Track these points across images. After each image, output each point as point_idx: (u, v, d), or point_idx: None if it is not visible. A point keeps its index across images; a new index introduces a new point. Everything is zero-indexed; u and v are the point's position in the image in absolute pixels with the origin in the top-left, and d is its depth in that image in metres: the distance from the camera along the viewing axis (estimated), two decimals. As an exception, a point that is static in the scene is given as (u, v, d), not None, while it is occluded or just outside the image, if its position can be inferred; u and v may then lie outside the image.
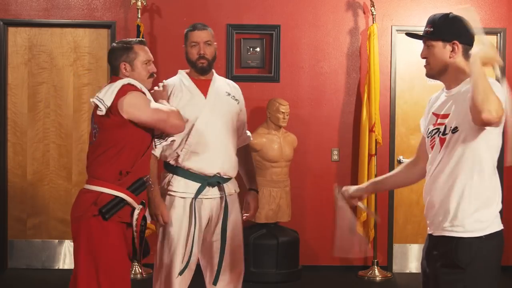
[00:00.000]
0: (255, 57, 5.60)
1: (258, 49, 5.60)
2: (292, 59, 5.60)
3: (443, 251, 2.48)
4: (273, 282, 5.14)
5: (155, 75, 3.16)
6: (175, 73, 5.51)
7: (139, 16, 5.29)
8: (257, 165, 5.20)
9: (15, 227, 5.53)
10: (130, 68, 3.05)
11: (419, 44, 2.62)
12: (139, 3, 5.28)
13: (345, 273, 5.48)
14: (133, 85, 2.98)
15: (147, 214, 3.07)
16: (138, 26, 5.23)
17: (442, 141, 2.55)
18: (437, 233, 2.54)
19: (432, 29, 2.54)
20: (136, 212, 2.93)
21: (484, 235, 2.43)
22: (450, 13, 2.57)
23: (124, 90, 2.92)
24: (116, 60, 3.06)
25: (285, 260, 5.16)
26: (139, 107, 2.93)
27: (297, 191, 5.51)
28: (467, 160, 2.45)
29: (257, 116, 5.50)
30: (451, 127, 2.50)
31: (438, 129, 2.57)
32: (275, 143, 5.21)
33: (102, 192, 2.88)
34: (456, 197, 2.47)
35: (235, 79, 5.54)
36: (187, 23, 5.52)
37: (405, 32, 2.84)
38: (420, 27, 2.69)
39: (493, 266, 2.46)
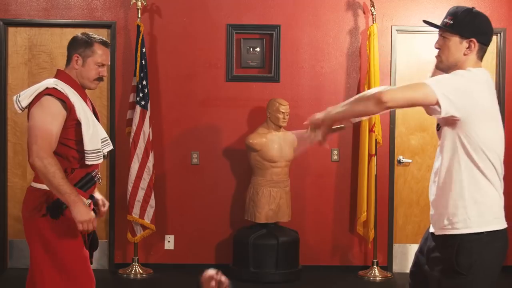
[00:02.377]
0: (255, 57, 5.60)
1: (258, 49, 5.60)
2: (292, 59, 5.60)
3: (444, 254, 2.44)
4: (273, 282, 5.14)
5: (103, 80, 3.09)
6: (175, 73, 5.55)
7: (139, 16, 5.28)
8: (257, 165, 5.21)
9: (15, 227, 5.53)
10: (81, 63, 3.00)
11: (419, 44, 2.61)
12: (139, 3, 5.28)
13: (345, 273, 5.48)
14: (57, 89, 2.87)
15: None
16: (138, 26, 5.23)
17: (438, 136, 2.56)
18: (438, 232, 2.51)
19: (452, 22, 2.47)
20: None
21: (486, 231, 2.39)
22: (473, 8, 2.51)
23: (41, 95, 2.85)
24: (73, 49, 3.01)
25: (285, 260, 5.16)
26: (33, 117, 2.85)
27: (297, 191, 5.51)
28: (453, 156, 2.43)
29: (257, 116, 5.51)
30: (438, 124, 2.51)
31: (438, 124, 2.57)
32: (275, 143, 5.21)
33: (49, 190, 2.83)
34: (452, 195, 2.44)
35: (235, 79, 5.58)
36: (187, 23, 5.56)
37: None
38: (420, 27, 2.68)
39: (494, 269, 2.42)
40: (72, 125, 2.88)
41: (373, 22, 5.38)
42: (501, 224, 2.45)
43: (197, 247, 5.56)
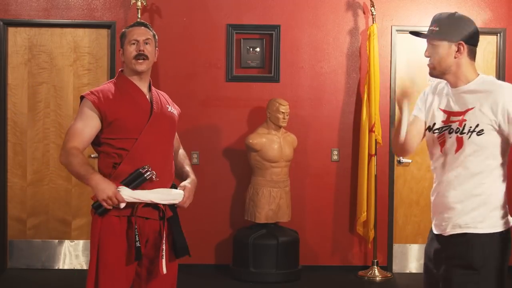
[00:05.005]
0: (255, 57, 5.60)
1: (258, 49, 5.60)
2: (292, 59, 5.60)
3: (455, 251, 2.48)
4: (273, 282, 5.14)
5: (146, 56, 2.98)
6: (175, 73, 5.56)
7: (139, 16, 5.28)
8: (257, 165, 5.21)
9: (15, 227, 5.53)
10: (123, 53, 2.99)
11: (419, 44, 2.63)
12: (139, 3, 5.28)
13: (345, 273, 5.48)
14: (91, 92, 2.91)
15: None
16: (138, 26, 5.22)
17: (459, 140, 2.52)
18: (448, 232, 2.52)
19: (438, 29, 2.52)
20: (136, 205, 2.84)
21: (499, 232, 2.46)
22: (456, 12, 2.56)
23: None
24: None
25: (285, 260, 5.16)
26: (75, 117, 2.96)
27: (297, 191, 5.51)
28: (491, 163, 2.49)
29: (257, 116, 5.51)
30: (471, 128, 2.49)
31: (450, 126, 2.55)
32: (275, 143, 5.21)
33: None
34: (479, 199, 2.48)
35: (235, 79, 5.58)
36: (187, 23, 5.56)
37: (408, 31, 2.82)
38: (420, 27, 2.70)
39: (505, 267, 2.48)
40: (108, 123, 2.88)
41: (373, 22, 5.38)
42: (508, 224, 2.52)
43: (197, 247, 5.55)
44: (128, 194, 2.78)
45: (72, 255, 5.56)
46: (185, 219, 5.70)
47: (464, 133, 2.50)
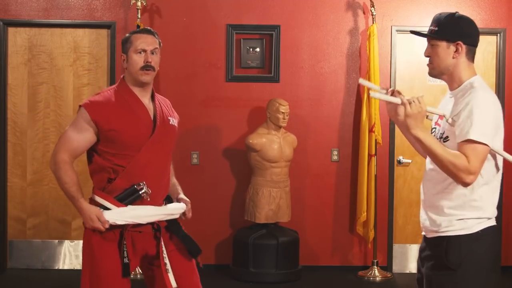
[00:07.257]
0: (255, 57, 5.60)
1: (258, 49, 5.60)
2: (292, 59, 5.60)
3: (434, 252, 2.50)
4: (273, 282, 5.14)
5: (153, 68, 2.83)
6: (175, 73, 5.56)
7: (139, 16, 5.28)
8: (257, 165, 5.21)
9: (15, 227, 5.53)
10: (126, 60, 2.85)
11: (419, 44, 2.64)
12: (139, 3, 5.28)
13: (345, 273, 5.48)
14: (90, 101, 2.80)
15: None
16: (138, 27, 5.22)
17: None
18: (429, 235, 2.55)
19: (437, 29, 2.52)
20: None
21: (473, 233, 2.42)
22: (456, 12, 2.55)
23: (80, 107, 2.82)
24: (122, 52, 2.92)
25: (285, 260, 5.16)
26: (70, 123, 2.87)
27: (297, 191, 5.51)
28: None
29: (257, 116, 5.51)
30: (442, 134, 2.52)
31: (435, 128, 2.59)
32: (275, 143, 5.21)
33: (93, 201, 2.80)
34: (446, 201, 2.47)
35: (235, 79, 5.58)
36: (187, 23, 5.57)
37: (408, 31, 2.81)
38: (420, 27, 2.70)
39: (486, 267, 2.45)
40: (104, 136, 2.78)
41: (373, 22, 5.38)
42: (491, 222, 2.48)
43: (197, 247, 5.56)
44: (112, 217, 2.74)
45: (72, 255, 5.56)
46: (185, 219, 5.69)
47: (438, 138, 2.52)
